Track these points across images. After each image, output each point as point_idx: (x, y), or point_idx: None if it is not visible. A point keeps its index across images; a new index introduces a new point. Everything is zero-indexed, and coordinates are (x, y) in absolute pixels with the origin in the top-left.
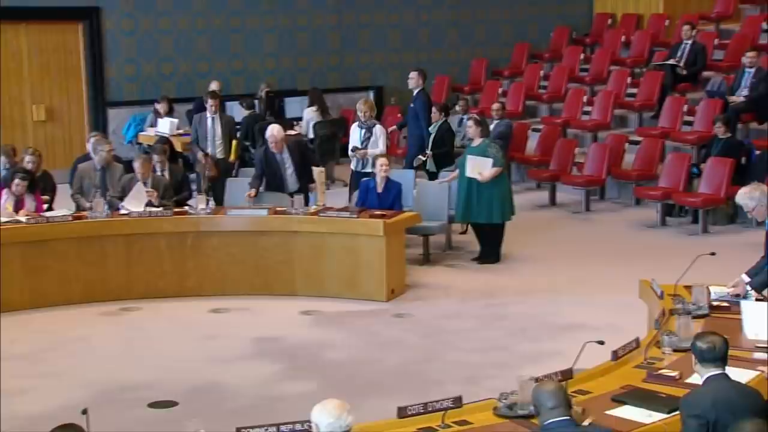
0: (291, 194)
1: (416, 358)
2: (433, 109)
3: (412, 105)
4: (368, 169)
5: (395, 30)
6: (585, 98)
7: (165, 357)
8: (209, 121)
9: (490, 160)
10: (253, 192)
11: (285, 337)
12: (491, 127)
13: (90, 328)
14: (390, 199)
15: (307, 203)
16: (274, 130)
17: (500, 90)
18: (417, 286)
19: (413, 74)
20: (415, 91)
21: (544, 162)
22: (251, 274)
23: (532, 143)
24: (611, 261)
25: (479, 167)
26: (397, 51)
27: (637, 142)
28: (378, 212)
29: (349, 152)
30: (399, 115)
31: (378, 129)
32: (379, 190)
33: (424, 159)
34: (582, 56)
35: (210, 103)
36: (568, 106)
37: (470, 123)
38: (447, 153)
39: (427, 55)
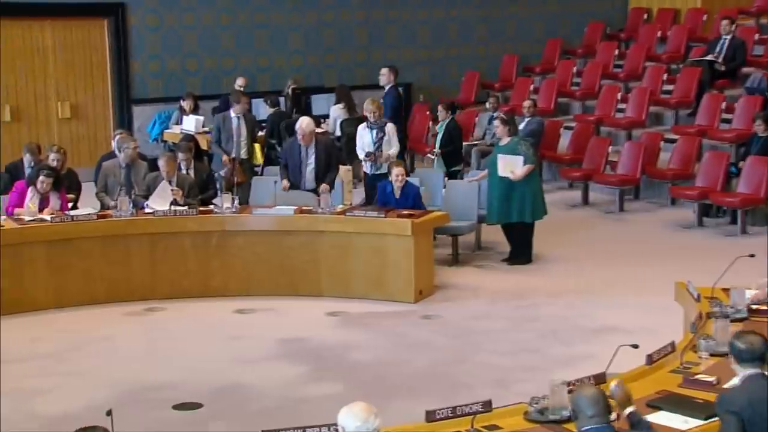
0: (312, 191)
1: (444, 360)
2: (440, 108)
3: (381, 101)
4: (383, 171)
5: (424, 26)
6: (619, 95)
7: (189, 357)
8: (235, 120)
9: (521, 158)
10: (286, 183)
11: (310, 338)
12: (522, 125)
13: (114, 328)
14: (408, 203)
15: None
16: (303, 123)
17: (531, 87)
18: (445, 287)
19: (384, 71)
20: (387, 88)
21: (577, 161)
22: (277, 274)
23: (564, 141)
24: (646, 262)
25: (511, 166)
26: (425, 47)
27: (673, 141)
28: (406, 212)
29: (362, 157)
30: (428, 113)
31: (390, 127)
32: (397, 195)
33: (433, 157)
34: (616, 52)
35: (244, 101)
36: (601, 104)
37: (497, 123)
38: (456, 151)
39: (456, 51)
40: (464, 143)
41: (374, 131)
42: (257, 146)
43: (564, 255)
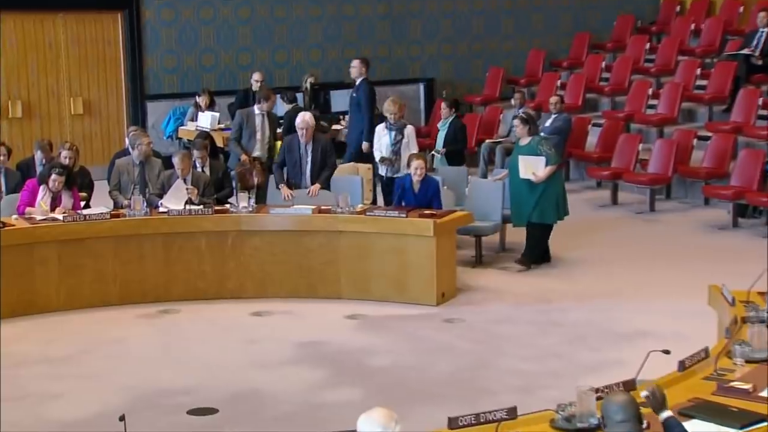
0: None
1: (467, 366)
2: (443, 105)
3: (354, 95)
4: (400, 174)
5: (448, 19)
6: (650, 91)
7: (204, 361)
8: (259, 118)
9: (542, 159)
10: (287, 191)
11: (329, 342)
12: (549, 121)
13: (127, 330)
14: (428, 197)
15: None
16: (306, 116)
17: (559, 82)
18: (468, 290)
19: (356, 63)
20: (358, 81)
21: (606, 159)
22: (294, 276)
23: (593, 139)
24: (677, 264)
25: (532, 167)
26: (449, 41)
27: (706, 138)
28: (428, 211)
29: (377, 159)
30: (452, 108)
31: (409, 130)
32: (416, 190)
33: (438, 155)
34: (647, 46)
35: (273, 98)
36: (631, 100)
37: (517, 122)
38: (459, 151)
39: (481, 45)
40: (488, 141)
41: (393, 133)
42: (278, 144)
43: (592, 257)
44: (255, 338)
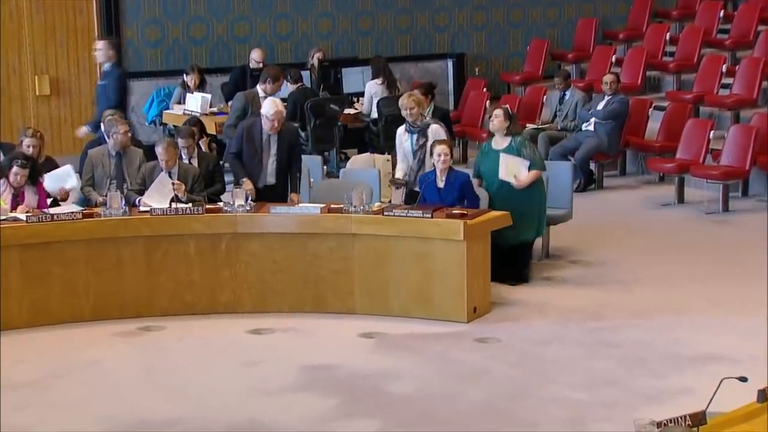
0: (270, 187)
1: (504, 394)
2: (411, 96)
3: (102, 82)
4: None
5: None
6: (724, 67)
7: (194, 388)
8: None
9: (526, 162)
10: (249, 185)
11: (341, 365)
12: (601, 104)
13: (103, 351)
14: (454, 194)
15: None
16: (278, 105)
17: (614, 57)
18: (505, 304)
19: (101, 44)
20: (107, 66)
21: (670, 149)
22: (299, 287)
23: (654, 125)
24: (755, 275)
25: (515, 169)
26: (482, 9)
27: None
28: (457, 211)
29: (389, 181)
30: (484, 89)
31: (434, 129)
32: (440, 184)
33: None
34: (721, 13)
35: (281, 81)
36: (701, 78)
37: (498, 113)
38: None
39: (520, 13)
40: (529, 126)
41: (414, 135)
42: None
43: (652, 265)
44: (253, 360)
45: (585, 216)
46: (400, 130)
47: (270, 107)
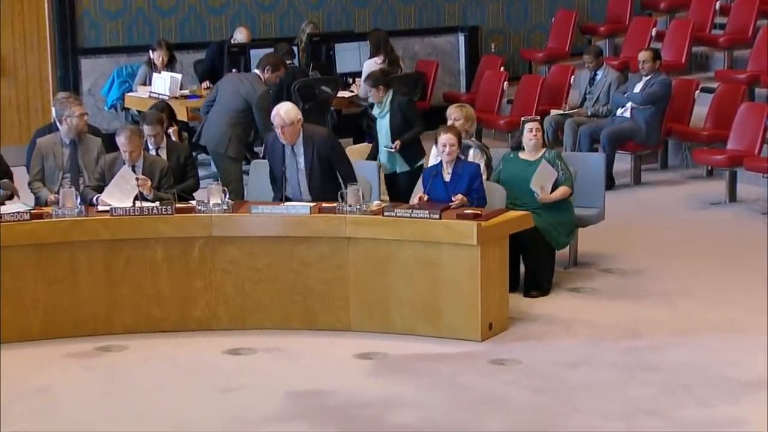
0: None
1: (526, 425)
2: (367, 81)
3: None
4: None
5: None
6: None
7: (161, 417)
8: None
9: (555, 174)
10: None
11: (334, 391)
12: (638, 86)
13: (54, 376)
14: (462, 187)
15: None
16: (281, 111)
17: (654, 31)
18: (526, 320)
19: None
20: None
21: (719, 138)
22: (285, 300)
23: (702, 110)
24: None
25: (543, 180)
26: None
27: None
28: (470, 210)
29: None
30: (502, 69)
31: (473, 154)
32: (446, 177)
33: (391, 151)
34: None
35: (282, 71)
36: (756, 55)
37: (532, 127)
38: (415, 138)
39: None
40: (553, 112)
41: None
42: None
43: (698, 275)
44: (232, 386)
45: (619, 217)
46: (434, 151)
47: (273, 115)
